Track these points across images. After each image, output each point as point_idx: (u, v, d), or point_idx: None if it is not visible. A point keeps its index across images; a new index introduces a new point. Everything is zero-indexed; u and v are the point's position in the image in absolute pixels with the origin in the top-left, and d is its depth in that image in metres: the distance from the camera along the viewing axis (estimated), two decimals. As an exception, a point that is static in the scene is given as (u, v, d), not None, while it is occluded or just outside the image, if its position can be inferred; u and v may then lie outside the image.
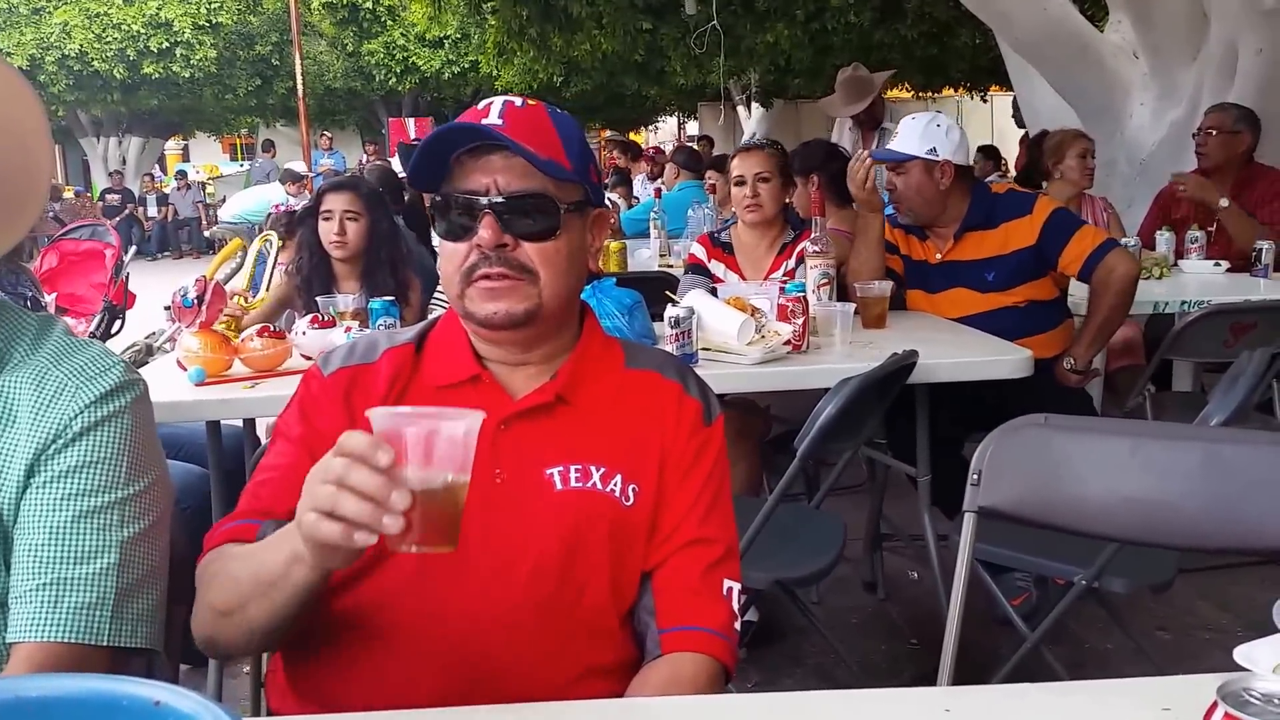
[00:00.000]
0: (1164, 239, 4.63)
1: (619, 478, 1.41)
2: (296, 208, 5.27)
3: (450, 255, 1.40)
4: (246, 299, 3.44)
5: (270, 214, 5.78)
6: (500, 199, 1.36)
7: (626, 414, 1.46)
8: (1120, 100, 6.08)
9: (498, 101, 1.41)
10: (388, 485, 1.07)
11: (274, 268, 3.85)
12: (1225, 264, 4.45)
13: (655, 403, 1.47)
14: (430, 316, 2.13)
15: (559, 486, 1.40)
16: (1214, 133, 4.73)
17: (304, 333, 2.91)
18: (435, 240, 1.50)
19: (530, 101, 1.43)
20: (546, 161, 1.35)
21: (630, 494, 1.41)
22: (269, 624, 1.26)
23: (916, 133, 3.47)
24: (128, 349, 3.78)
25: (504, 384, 1.44)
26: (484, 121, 1.37)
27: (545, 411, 1.42)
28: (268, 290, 4.64)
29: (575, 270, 1.44)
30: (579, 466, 1.41)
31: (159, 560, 1.33)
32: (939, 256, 3.53)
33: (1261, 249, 4.37)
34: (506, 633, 1.35)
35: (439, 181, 1.40)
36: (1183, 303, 3.87)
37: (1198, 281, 4.30)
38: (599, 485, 1.41)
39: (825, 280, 3.32)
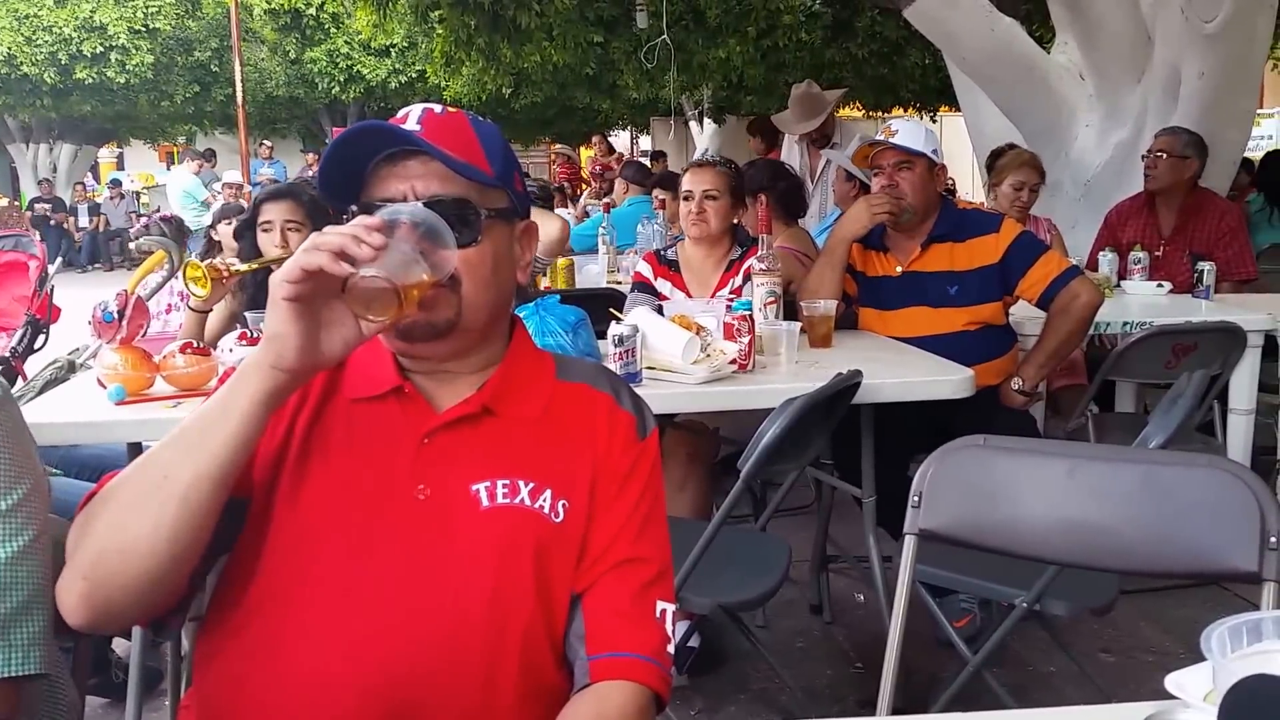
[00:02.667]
0: (1107, 260, 4.66)
1: (548, 493, 1.37)
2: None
3: None
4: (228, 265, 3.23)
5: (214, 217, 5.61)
6: (415, 203, 1.31)
7: (557, 427, 1.41)
8: (1065, 121, 6.14)
9: (417, 109, 1.38)
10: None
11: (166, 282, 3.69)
12: (1168, 285, 4.49)
13: (586, 416, 1.43)
14: None
15: (485, 503, 1.35)
16: (1164, 155, 4.78)
17: (230, 350, 2.80)
18: None
19: (451, 109, 1.39)
20: (464, 164, 1.32)
21: (560, 510, 1.37)
22: (176, 523, 1.19)
23: (920, 134, 3.47)
24: (49, 365, 3.67)
25: (428, 396, 1.40)
26: (401, 129, 1.33)
27: (471, 424, 1.38)
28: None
29: (499, 280, 1.39)
30: (506, 482, 1.36)
31: (43, 578, 1.27)
32: (900, 269, 3.52)
33: (1203, 270, 4.43)
34: (433, 659, 1.30)
35: (354, 192, 1.35)
36: (1125, 323, 3.89)
37: (1140, 302, 4.33)
38: (527, 501, 1.36)
39: (772, 298, 3.30)
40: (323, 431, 1.37)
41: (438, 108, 1.38)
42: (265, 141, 19.44)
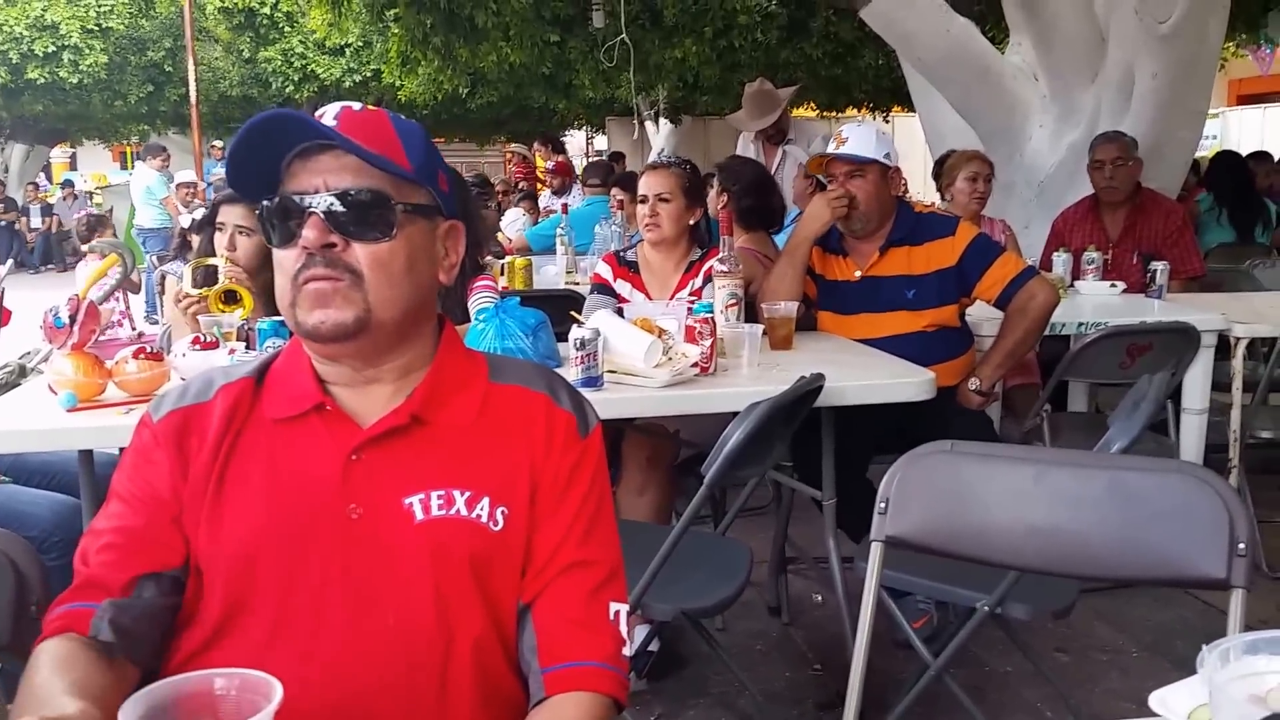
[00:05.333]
0: (1060, 260, 4.70)
1: (486, 501, 1.33)
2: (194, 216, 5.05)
3: (281, 263, 1.31)
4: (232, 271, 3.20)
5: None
6: (327, 195, 1.27)
7: (492, 432, 1.37)
8: (1020, 122, 6.19)
9: (335, 106, 1.34)
10: None
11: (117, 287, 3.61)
12: (1121, 285, 4.53)
13: (523, 418, 1.39)
14: None
15: (420, 516, 1.31)
16: (1122, 163, 4.82)
17: (184, 354, 2.74)
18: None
19: (372, 108, 1.35)
20: (376, 156, 1.28)
21: (500, 518, 1.33)
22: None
23: (870, 139, 3.46)
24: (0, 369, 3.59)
25: (351, 410, 1.36)
26: (297, 115, 1.30)
27: (400, 435, 1.34)
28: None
29: (415, 278, 1.34)
30: (441, 493, 1.32)
31: None
32: (859, 274, 3.53)
33: (1156, 270, 4.47)
34: (378, 686, 1.28)
35: (269, 186, 1.31)
36: (1079, 324, 3.92)
37: (1093, 303, 4.37)
38: (464, 511, 1.32)
39: (733, 300, 3.29)
40: (243, 460, 1.33)
41: (357, 106, 1.35)
42: (215, 142, 19.18)
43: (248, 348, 2.87)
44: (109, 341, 3.24)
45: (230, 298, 3.16)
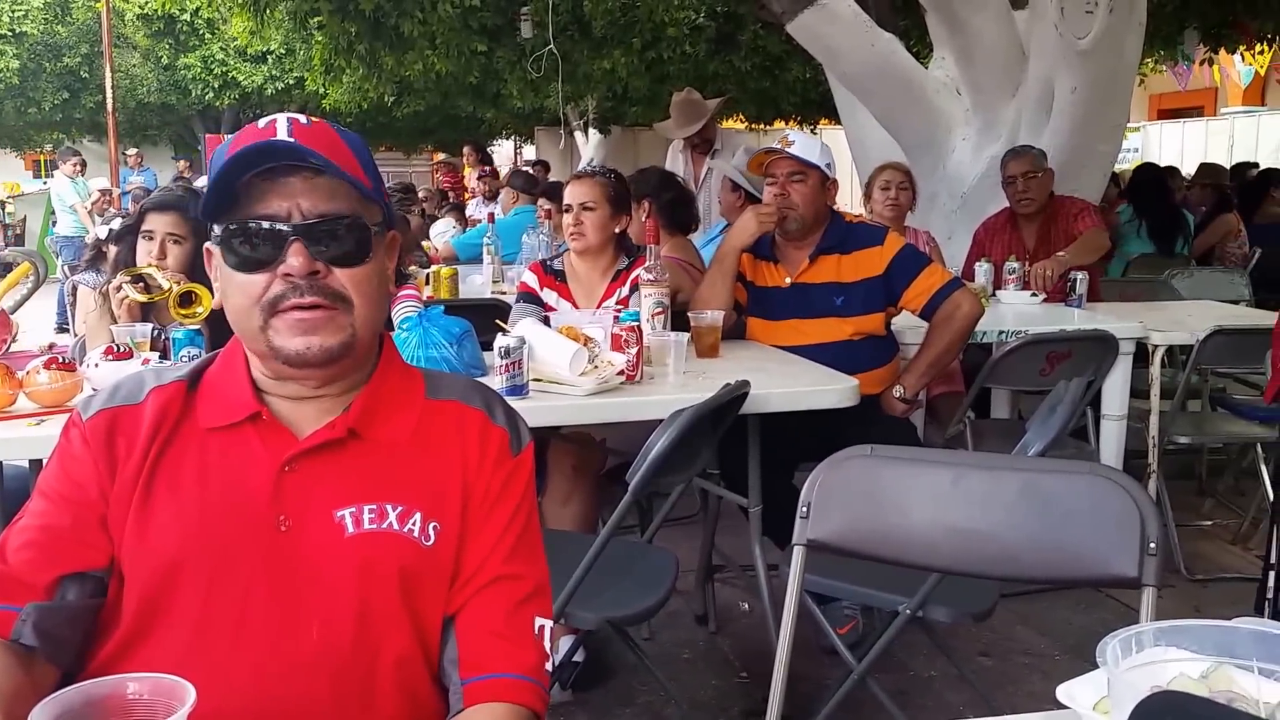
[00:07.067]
0: (983, 270, 4.77)
1: (418, 516, 1.32)
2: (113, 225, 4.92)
3: (245, 287, 1.28)
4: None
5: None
6: (309, 222, 1.26)
7: (427, 448, 1.37)
8: (943, 135, 6.27)
9: (282, 119, 1.30)
10: None
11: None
12: (1041, 294, 4.61)
13: (458, 434, 1.39)
14: None
15: (350, 530, 1.30)
16: (1035, 175, 4.90)
17: (96, 365, 2.66)
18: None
19: (314, 119, 1.33)
20: (356, 180, 1.28)
21: (431, 533, 1.33)
22: None
23: (816, 148, 3.52)
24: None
25: (288, 421, 1.34)
26: (276, 139, 1.27)
27: (335, 449, 1.33)
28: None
29: (383, 296, 1.36)
30: (373, 506, 1.31)
31: None
32: (789, 280, 3.55)
33: (1076, 279, 4.55)
34: (300, 699, 1.26)
35: (225, 209, 1.29)
36: (1000, 332, 3.98)
37: (1014, 312, 4.43)
38: (395, 525, 1.31)
39: (659, 309, 3.30)
40: (172, 465, 1.31)
41: (301, 118, 1.32)
42: (130, 150, 18.80)
43: (162, 357, 2.82)
44: (20, 352, 3.17)
45: (187, 299, 3.05)
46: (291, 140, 1.27)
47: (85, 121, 21.59)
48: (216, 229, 1.30)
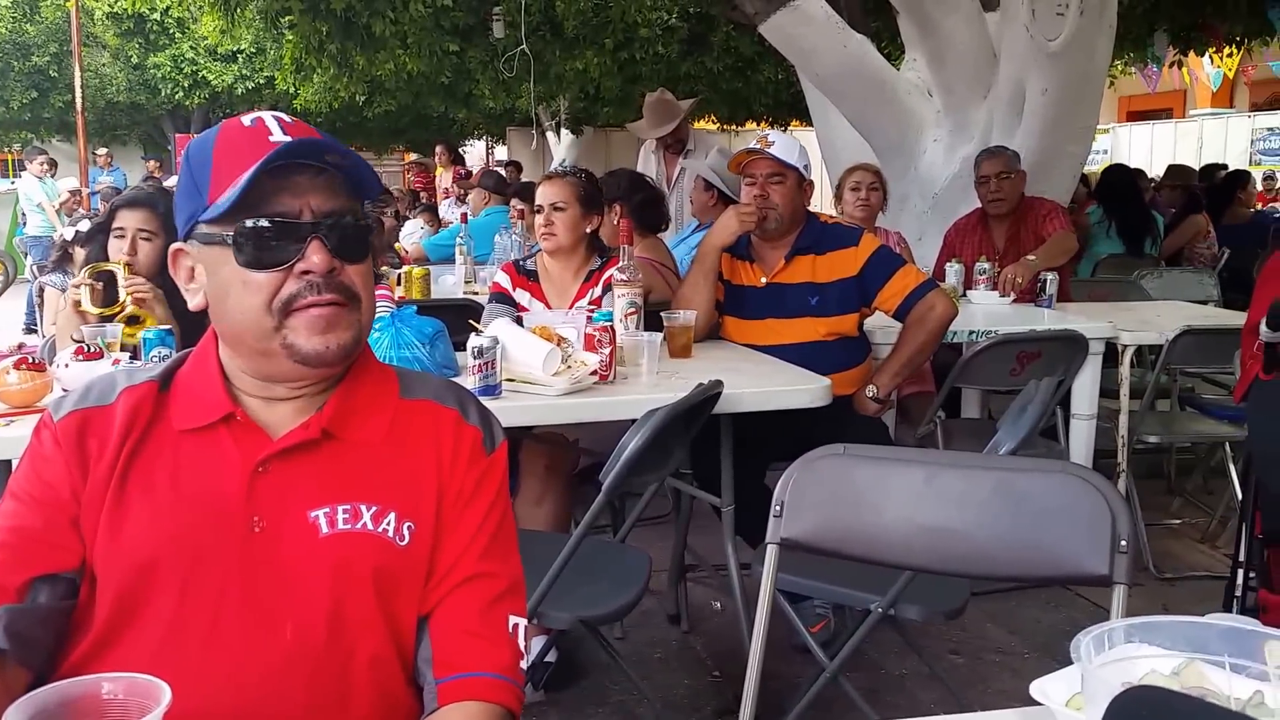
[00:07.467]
0: (953, 270, 4.79)
1: (392, 516, 1.32)
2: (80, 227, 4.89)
3: (258, 287, 1.27)
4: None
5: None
6: (328, 221, 1.27)
7: (401, 448, 1.37)
8: (914, 137, 6.30)
9: (269, 118, 1.31)
10: None
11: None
12: (1012, 294, 4.63)
13: (431, 433, 1.39)
14: None
15: (325, 530, 1.30)
16: (1008, 176, 4.93)
17: (67, 365, 2.64)
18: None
19: (293, 118, 1.33)
20: (372, 179, 1.32)
21: (406, 533, 1.33)
22: None
23: (795, 149, 3.53)
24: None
25: (262, 422, 1.33)
26: (271, 139, 1.27)
27: (309, 449, 1.32)
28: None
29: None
30: (347, 507, 1.31)
31: None
32: (765, 280, 3.56)
33: (1046, 280, 4.58)
34: (274, 700, 1.26)
35: (232, 210, 1.26)
36: (971, 332, 3.99)
37: (985, 312, 4.45)
38: (370, 525, 1.31)
39: (632, 309, 3.30)
40: (145, 467, 1.30)
41: (286, 116, 1.32)
42: (99, 150, 18.65)
43: (133, 358, 2.80)
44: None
45: (133, 320, 3.08)
46: (288, 138, 1.27)
47: (54, 121, 21.38)
48: (219, 229, 1.28)
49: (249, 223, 1.26)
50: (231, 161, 1.27)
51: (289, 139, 1.27)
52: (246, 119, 1.31)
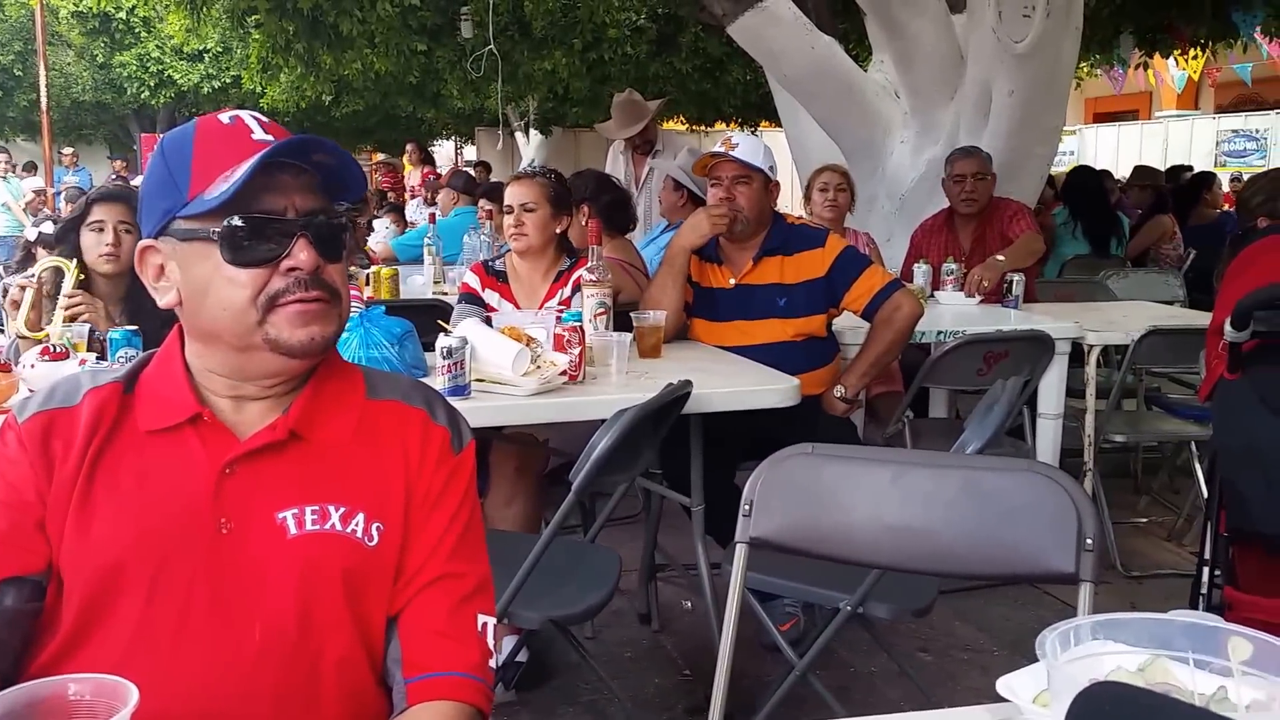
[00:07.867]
0: (921, 271, 4.82)
1: (361, 517, 1.32)
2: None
3: (244, 282, 1.27)
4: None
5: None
6: (316, 219, 1.28)
7: (368, 448, 1.36)
8: (881, 138, 6.32)
9: (248, 117, 1.31)
10: None
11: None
12: (979, 296, 4.66)
13: (399, 433, 1.39)
14: None
15: (293, 531, 1.29)
16: (983, 177, 4.95)
17: (32, 365, 2.60)
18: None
19: (267, 118, 1.34)
20: (358, 177, 1.33)
21: (374, 533, 1.32)
22: None
23: (759, 150, 3.53)
24: None
25: (229, 423, 1.33)
26: (254, 138, 1.27)
27: (277, 450, 1.32)
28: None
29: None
30: (315, 508, 1.31)
31: None
32: (733, 281, 3.57)
33: (1012, 281, 4.61)
34: (242, 701, 1.25)
35: (220, 206, 1.26)
36: (939, 333, 4.01)
37: (952, 312, 4.47)
38: (338, 526, 1.31)
39: (602, 310, 3.30)
40: (111, 468, 1.29)
41: (263, 115, 1.33)
42: (65, 149, 18.50)
43: (99, 358, 2.77)
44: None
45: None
46: (269, 138, 1.28)
47: (19, 120, 21.22)
48: (202, 225, 1.27)
49: (237, 219, 1.25)
50: (213, 158, 1.27)
51: (270, 138, 1.28)
52: (224, 116, 1.31)
